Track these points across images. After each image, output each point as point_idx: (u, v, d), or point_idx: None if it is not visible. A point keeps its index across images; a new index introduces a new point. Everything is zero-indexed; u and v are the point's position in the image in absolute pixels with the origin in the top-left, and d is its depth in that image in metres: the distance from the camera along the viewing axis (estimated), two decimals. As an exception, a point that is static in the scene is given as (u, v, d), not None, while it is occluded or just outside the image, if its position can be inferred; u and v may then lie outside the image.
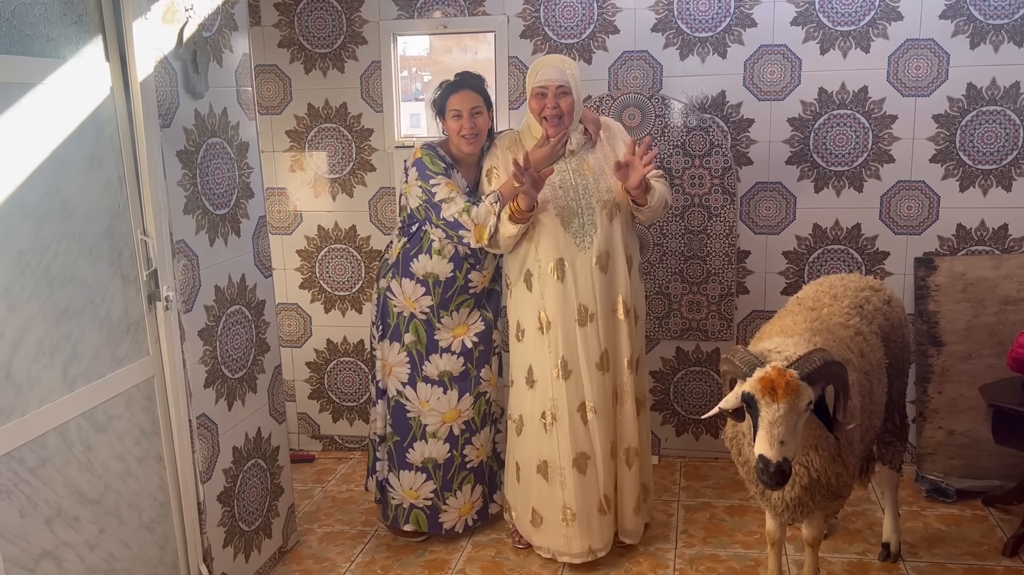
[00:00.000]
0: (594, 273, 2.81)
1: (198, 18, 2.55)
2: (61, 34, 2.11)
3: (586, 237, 2.80)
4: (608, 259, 2.82)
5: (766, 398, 2.02)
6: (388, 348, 3.04)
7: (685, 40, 3.46)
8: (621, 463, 2.94)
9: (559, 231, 2.80)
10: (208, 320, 2.62)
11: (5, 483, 1.95)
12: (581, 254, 2.80)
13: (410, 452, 3.06)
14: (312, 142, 3.81)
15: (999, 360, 3.22)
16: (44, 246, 2.06)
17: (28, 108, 2.00)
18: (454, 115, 2.87)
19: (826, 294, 2.62)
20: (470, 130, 2.86)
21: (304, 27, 3.70)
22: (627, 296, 2.86)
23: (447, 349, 3.00)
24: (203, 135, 2.59)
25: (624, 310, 2.86)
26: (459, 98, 2.86)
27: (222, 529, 2.71)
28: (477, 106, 2.87)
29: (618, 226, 2.83)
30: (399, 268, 2.97)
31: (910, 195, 3.43)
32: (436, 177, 2.86)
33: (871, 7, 3.31)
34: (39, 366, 2.04)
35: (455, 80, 2.93)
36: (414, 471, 3.06)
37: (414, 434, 3.05)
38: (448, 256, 2.93)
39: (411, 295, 2.97)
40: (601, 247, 2.80)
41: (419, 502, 3.08)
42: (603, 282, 2.82)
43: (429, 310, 2.97)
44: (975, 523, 3.16)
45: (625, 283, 2.86)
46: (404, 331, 3.00)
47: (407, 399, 3.04)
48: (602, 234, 2.80)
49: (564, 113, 2.77)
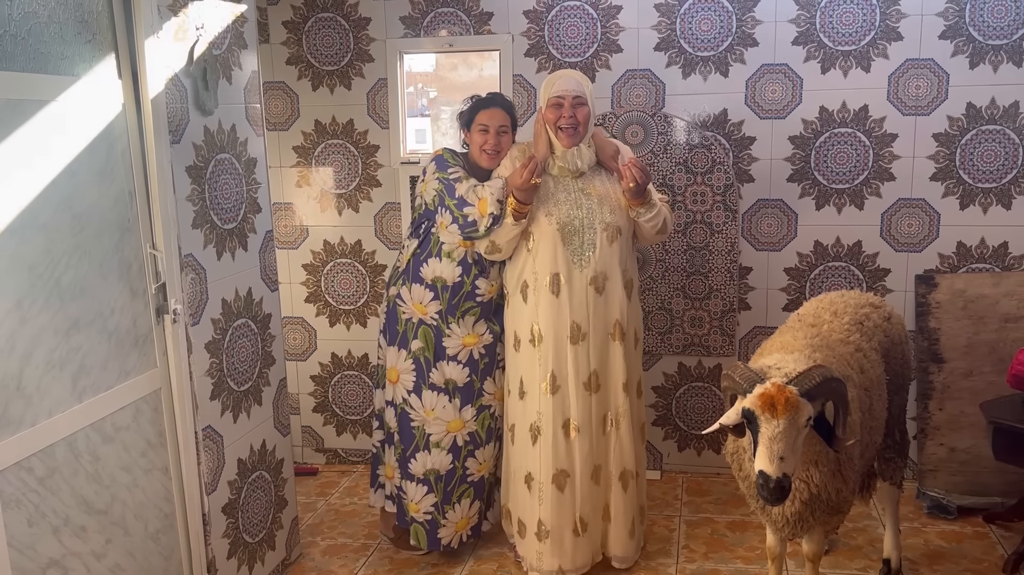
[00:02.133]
0: (588, 293, 2.83)
1: (208, 36, 2.59)
2: (75, 52, 2.15)
3: (584, 256, 2.82)
4: (604, 281, 2.84)
5: (766, 414, 2.04)
6: (396, 355, 3.06)
7: (687, 59, 3.50)
8: (616, 486, 2.94)
9: (558, 246, 2.82)
10: (215, 333, 2.65)
11: (14, 492, 1.97)
12: (577, 272, 2.82)
13: (412, 463, 3.06)
14: (319, 158, 3.85)
15: (999, 377, 3.23)
16: (55, 259, 2.09)
17: (42, 124, 2.04)
18: (481, 129, 2.93)
19: (826, 311, 2.64)
20: (493, 146, 2.92)
21: (312, 45, 3.75)
22: (623, 319, 2.87)
23: (454, 357, 3.01)
24: (212, 151, 2.63)
25: (620, 333, 2.87)
26: (489, 114, 2.93)
27: (226, 541, 2.73)
28: (504, 125, 2.94)
29: (617, 250, 2.84)
30: (409, 274, 3.01)
31: (911, 213, 3.46)
32: (455, 168, 2.93)
33: (871, 27, 3.35)
34: (49, 377, 2.07)
35: (488, 97, 3.01)
36: (416, 483, 3.07)
37: (417, 444, 3.05)
38: (457, 259, 2.95)
39: (420, 300, 2.99)
40: (598, 268, 2.82)
41: (419, 516, 3.08)
42: (597, 303, 2.84)
43: (438, 315, 2.99)
44: (976, 540, 3.16)
45: (622, 306, 2.87)
46: (412, 338, 3.02)
47: (412, 407, 3.05)
48: (600, 255, 2.82)
49: (580, 123, 2.80)
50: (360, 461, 4.05)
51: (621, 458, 2.93)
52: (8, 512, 1.95)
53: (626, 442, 2.92)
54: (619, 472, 2.93)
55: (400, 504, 3.14)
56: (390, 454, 3.15)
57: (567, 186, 2.87)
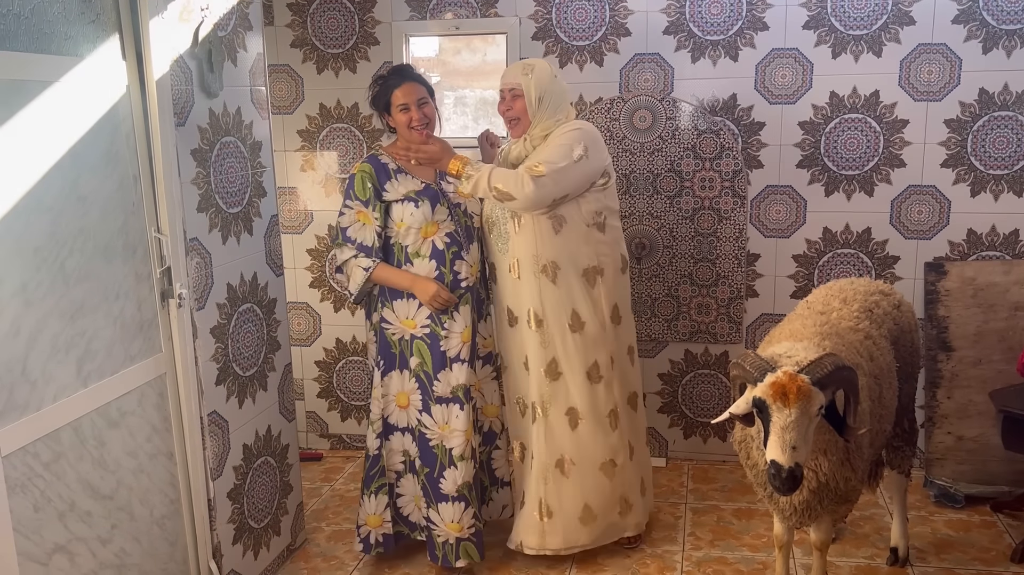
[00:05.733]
0: (510, 279, 2.88)
1: (213, 17, 2.56)
2: (79, 33, 2.12)
3: (503, 244, 2.88)
4: (518, 267, 2.85)
5: (778, 403, 2.02)
6: (400, 379, 2.92)
7: (697, 43, 3.47)
8: (555, 473, 2.92)
9: (488, 237, 2.93)
10: (220, 318, 2.64)
11: (20, 477, 1.96)
12: (502, 259, 2.89)
13: (443, 482, 2.89)
14: (323, 142, 3.83)
15: (1009, 366, 3.21)
16: (60, 243, 2.07)
17: (46, 106, 2.02)
18: (401, 108, 2.80)
19: (836, 298, 2.62)
20: (420, 120, 2.80)
21: (317, 27, 3.71)
22: (538, 306, 2.84)
23: (456, 358, 2.87)
24: (217, 134, 2.61)
25: (535, 319, 2.85)
26: (403, 91, 2.80)
27: (232, 526, 2.73)
28: (423, 97, 2.82)
29: (528, 235, 2.80)
30: (386, 294, 2.87)
31: (921, 200, 3.43)
32: (354, 202, 2.82)
33: (883, 12, 3.31)
34: (54, 362, 2.06)
35: (394, 74, 2.87)
36: (451, 502, 2.90)
37: (441, 462, 2.90)
38: (427, 255, 2.82)
39: (407, 315, 2.86)
40: (512, 255, 2.86)
41: (464, 534, 2.91)
42: (516, 288, 2.88)
43: (430, 320, 2.85)
44: (983, 529, 3.15)
45: (534, 292, 2.83)
46: (409, 355, 2.89)
47: (426, 427, 2.91)
48: (512, 242, 2.85)
49: (518, 116, 2.82)
50: (364, 447, 4.04)
51: (554, 445, 2.91)
52: (14, 497, 1.94)
53: (557, 429, 2.90)
54: (555, 458, 2.91)
55: (431, 536, 2.95)
56: (410, 484, 3.01)
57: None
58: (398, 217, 2.83)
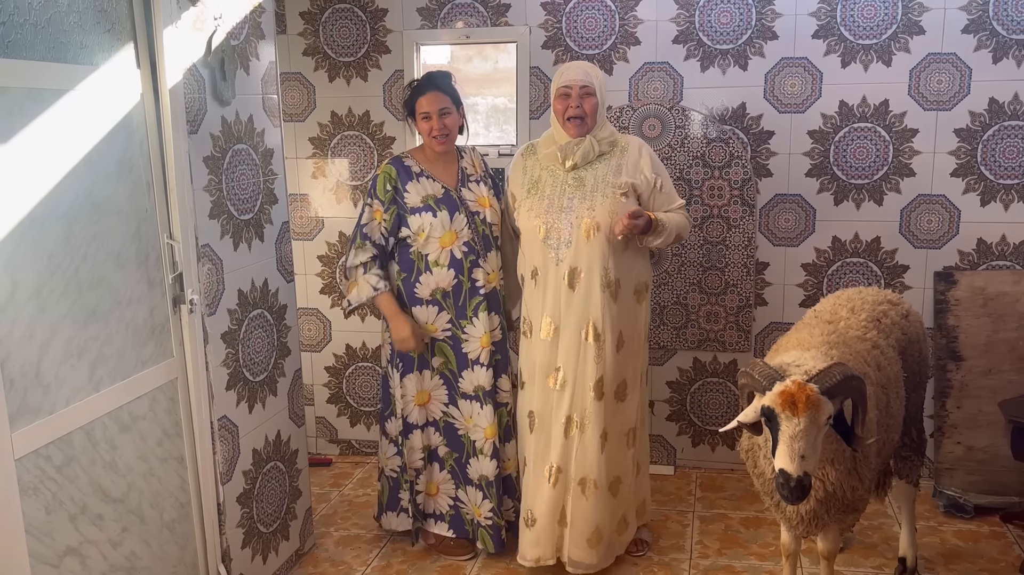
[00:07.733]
0: (562, 289, 2.78)
1: (226, 26, 2.59)
2: (94, 42, 2.15)
3: (560, 251, 2.78)
4: (578, 277, 2.76)
5: (786, 412, 2.02)
6: (418, 379, 2.99)
7: (706, 52, 3.48)
8: (575, 491, 2.85)
9: (538, 241, 2.81)
10: (231, 323, 2.66)
11: (32, 480, 1.99)
12: (553, 267, 2.79)
13: (469, 468, 3.06)
14: (335, 149, 3.85)
15: (1019, 376, 3.20)
16: (74, 248, 2.10)
17: (61, 114, 2.05)
18: (423, 117, 2.89)
19: (844, 307, 2.62)
20: (440, 130, 2.87)
21: (329, 36, 3.74)
22: (599, 320, 2.76)
23: (476, 361, 2.96)
24: (229, 141, 2.63)
25: (594, 334, 2.76)
26: (427, 100, 2.87)
27: (241, 530, 2.74)
28: (445, 107, 2.87)
29: (598, 246, 2.74)
30: (404, 300, 2.94)
31: (930, 209, 3.43)
32: (374, 201, 2.93)
33: (893, 21, 3.31)
34: (67, 366, 2.08)
35: (422, 81, 2.94)
36: (475, 488, 3.07)
37: (467, 450, 3.05)
38: (445, 264, 2.90)
39: (427, 320, 2.94)
40: (572, 264, 2.76)
41: (483, 520, 3.06)
42: (570, 300, 2.77)
43: (451, 325, 2.94)
44: (992, 539, 3.14)
45: (599, 306, 2.75)
46: (431, 356, 2.98)
47: (454, 418, 3.03)
48: (575, 251, 2.75)
49: (587, 115, 2.76)
50: (373, 453, 4.06)
51: (583, 464, 2.82)
52: (26, 499, 1.96)
53: (590, 448, 2.80)
54: (578, 478, 2.83)
55: (458, 513, 3.11)
56: (434, 472, 3.10)
57: (557, 179, 2.83)
58: (417, 227, 2.89)
